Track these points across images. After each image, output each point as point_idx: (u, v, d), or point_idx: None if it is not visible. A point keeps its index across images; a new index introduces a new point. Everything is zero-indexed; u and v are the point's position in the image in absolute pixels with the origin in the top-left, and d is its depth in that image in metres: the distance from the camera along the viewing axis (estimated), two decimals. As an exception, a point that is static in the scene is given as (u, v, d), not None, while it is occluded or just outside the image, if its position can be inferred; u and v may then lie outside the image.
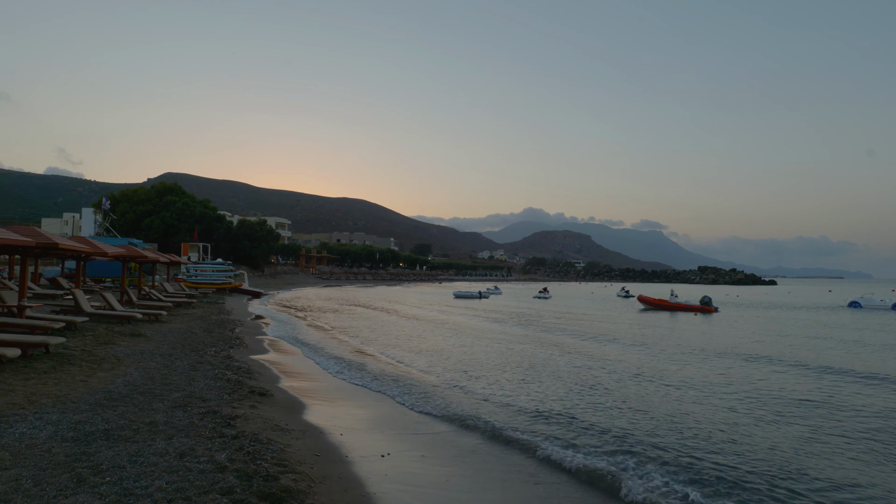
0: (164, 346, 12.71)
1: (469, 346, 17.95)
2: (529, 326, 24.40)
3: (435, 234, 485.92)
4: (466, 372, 12.96)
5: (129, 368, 9.80)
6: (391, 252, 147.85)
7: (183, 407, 7.16)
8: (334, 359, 14.19)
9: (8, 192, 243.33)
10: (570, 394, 10.86)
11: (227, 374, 9.50)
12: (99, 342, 12.43)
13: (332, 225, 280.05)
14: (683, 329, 26.24)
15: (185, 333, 15.26)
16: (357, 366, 13.22)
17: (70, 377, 8.70)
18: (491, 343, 19.21)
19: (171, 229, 60.84)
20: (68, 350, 10.94)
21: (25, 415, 6.45)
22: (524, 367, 13.92)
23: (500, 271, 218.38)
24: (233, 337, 15.41)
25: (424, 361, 14.36)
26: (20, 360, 9.51)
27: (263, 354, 13.51)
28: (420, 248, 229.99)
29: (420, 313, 33.15)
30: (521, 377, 12.57)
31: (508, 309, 36.88)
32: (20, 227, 13.09)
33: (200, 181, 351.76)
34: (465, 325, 25.66)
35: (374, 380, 11.50)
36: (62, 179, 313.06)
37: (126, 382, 8.56)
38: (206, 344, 13.32)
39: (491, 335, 21.88)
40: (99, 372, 9.32)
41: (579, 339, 21.00)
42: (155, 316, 17.94)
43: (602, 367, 14.22)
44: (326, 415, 8.17)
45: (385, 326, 24.48)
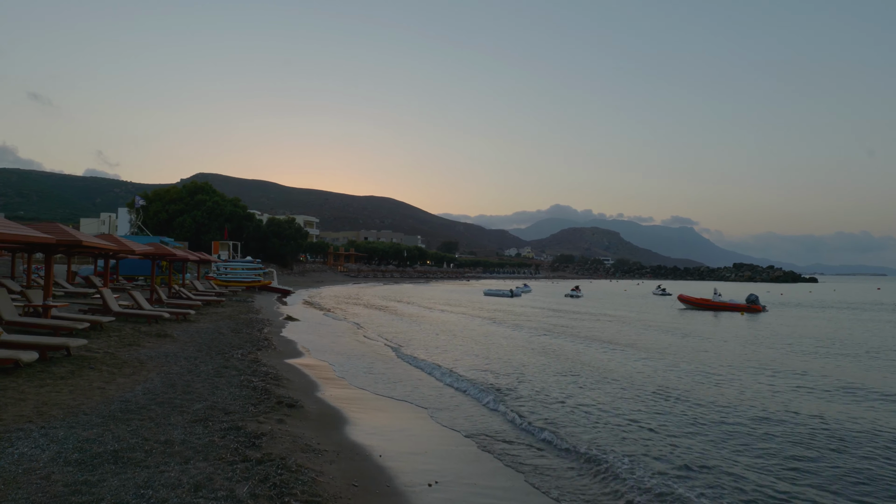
0: (190, 347, 12.10)
1: (514, 352, 16.92)
2: (571, 337, 22.84)
3: (461, 232, 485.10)
4: (521, 384, 11.59)
5: (151, 373, 9.15)
6: (418, 250, 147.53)
7: (203, 421, 6.39)
8: (368, 364, 13.34)
9: (50, 194, 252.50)
10: (637, 403, 9.77)
11: (253, 380, 8.75)
12: (123, 343, 11.89)
13: (359, 223, 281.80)
14: (746, 336, 22.17)
15: (212, 334, 14.68)
16: (394, 373, 12.28)
17: (87, 383, 8.07)
18: (534, 352, 18.15)
19: (202, 228, 61.40)
20: (90, 352, 10.39)
21: (31, 430, 5.77)
22: (579, 376, 12.73)
23: (528, 269, 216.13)
24: (261, 338, 14.77)
25: (470, 369, 13.18)
26: (38, 364, 8.96)
27: (292, 358, 12.77)
28: (447, 246, 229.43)
29: (455, 313, 32.24)
30: (572, 383, 11.50)
31: (541, 312, 35.56)
32: (45, 224, 12.66)
33: (231, 181, 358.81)
34: (503, 329, 24.48)
35: (413, 390, 10.54)
36: (100, 181, 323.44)
37: (146, 390, 7.88)
38: (232, 346, 12.67)
39: (533, 342, 20.80)
40: (119, 377, 8.69)
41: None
42: (183, 315, 17.48)
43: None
44: (363, 430, 7.30)
45: (420, 326, 23.53)
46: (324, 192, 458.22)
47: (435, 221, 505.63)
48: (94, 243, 12.45)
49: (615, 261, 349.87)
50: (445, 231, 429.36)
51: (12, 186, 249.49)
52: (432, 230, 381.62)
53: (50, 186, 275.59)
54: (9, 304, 11.87)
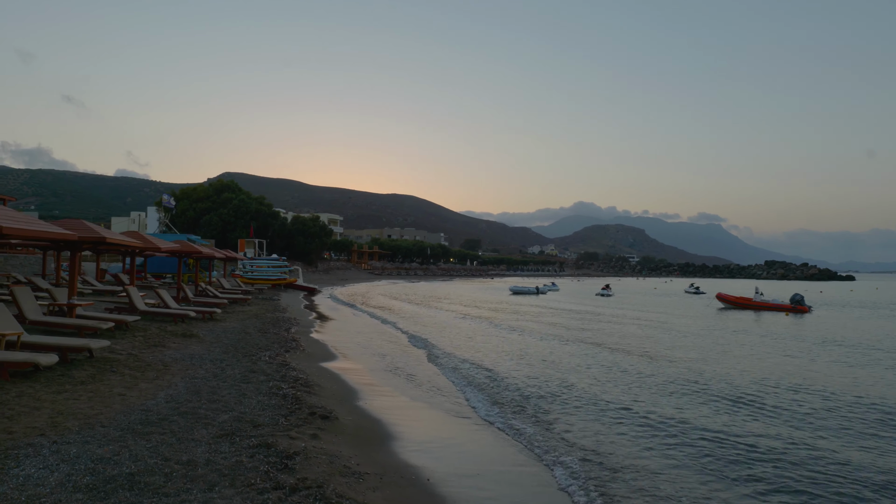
0: (216, 348, 11.58)
1: (562, 359, 16.03)
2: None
3: (484, 230, 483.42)
4: (600, 403, 9.85)
5: (175, 378, 8.60)
6: (442, 247, 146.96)
7: (230, 436, 5.75)
8: (403, 367, 12.60)
9: (83, 194, 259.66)
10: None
11: (282, 387, 8.11)
12: (148, 344, 11.43)
13: (382, 221, 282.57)
14: (812, 343, 19.66)
15: (238, 334, 14.19)
16: (433, 379, 11.43)
17: (108, 389, 7.54)
18: (579, 357, 17.22)
19: (229, 226, 61.78)
20: (114, 354, 9.92)
21: (41, 445, 5.19)
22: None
23: (552, 266, 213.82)
24: (288, 338, 14.21)
25: (515, 374, 12.09)
26: (59, 367, 8.49)
27: (323, 361, 12.13)
28: (470, 244, 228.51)
29: (485, 312, 31.44)
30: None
31: (574, 313, 34.44)
32: (69, 220, 12.30)
33: (256, 180, 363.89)
34: (544, 333, 23.29)
35: (455, 397, 9.66)
36: (131, 181, 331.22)
37: (168, 397, 7.30)
38: (259, 347, 12.11)
39: (575, 345, 19.87)
40: (141, 382, 8.15)
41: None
42: (209, 314, 17.08)
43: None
44: (406, 446, 6.56)
45: (454, 326, 22.58)
46: (347, 190, 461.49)
47: (457, 219, 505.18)
48: (118, 240, 12.03)
49: (640, 258, 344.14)
50: (468, 229, 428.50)
51: (48, 187, 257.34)
52: (455, 228, 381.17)
53: (83, 186, 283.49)
54: (33, 303, 11.51)
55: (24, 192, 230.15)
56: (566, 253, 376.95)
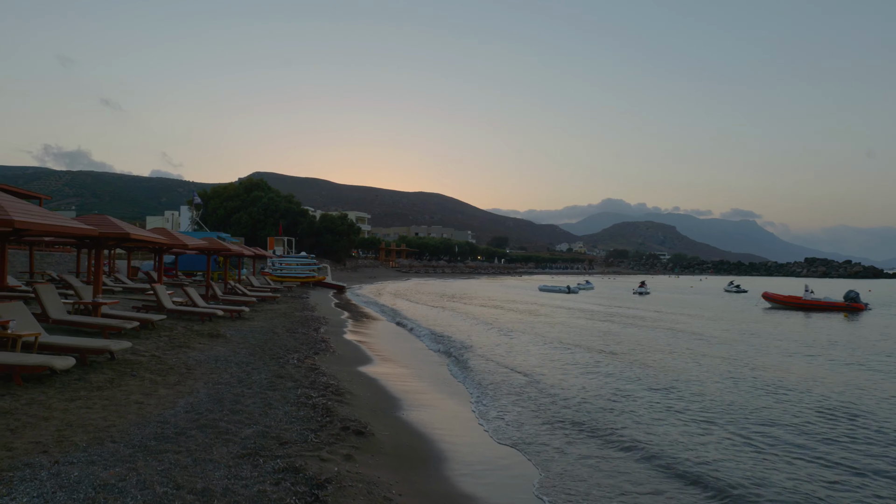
0: (242, 350, 10.98)
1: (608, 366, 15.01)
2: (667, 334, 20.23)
3: (511, 227, 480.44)
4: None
5: (198, 383, 7.98)
6: (469, 245, 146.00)
7: (253, 456, 5.02)
8: (443, 371, 11.73)
9: (120, 194, 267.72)
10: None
11: (311, 395, 7.39)
12: (173, 344, 10.90)
13: (409, 219, 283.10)
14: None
15: (266, 334, 13.62)
16: (477, 386, 10.43)
17: (125, 396, 6.94)
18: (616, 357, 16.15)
19: (258, 224, 62.14)
20: (136, 355, 9.39)
21: (41, 466, 4.55)
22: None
23: (582, 264, 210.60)
24: (317, 339, 13.57)
25: (572, 385, 10.93)
26: (77, 370, 7.95)
27: (355, 365, 11.40)
28: (497, 241, 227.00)
29: (522, 311, 30.44)
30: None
31: (617, 312, 33.09)
32: (93, 216, 11.89)
33: (285, 179, 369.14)
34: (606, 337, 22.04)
35: (502, 407, 8.66)
36: (165, 181, 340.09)
37: (189, 406, 6.64)
38: (287, 349, 11.48)
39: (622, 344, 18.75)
40: (161, 388, 7.54)
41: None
42: (237, 313, 16.62)
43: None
44: (455, 469, 5.71)
45: (490, 325, 21.57)
46: (374, 188, 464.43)
47: (484, 217, 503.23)
48: (142, 236, 11.55)
49: (672, 256, 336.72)
50: (495, 226, 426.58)
51: (87, 188, 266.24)
52: (481, 225, 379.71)
53: (120, 187, 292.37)
54: (57, 302, 11.12)
55: (66, 192, 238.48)
56: (595, 250, 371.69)
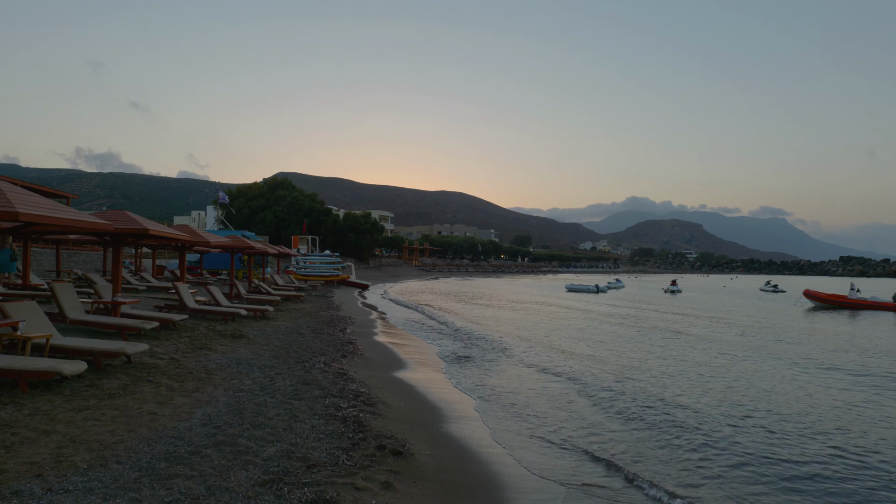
0: (266, 352, 10.34)
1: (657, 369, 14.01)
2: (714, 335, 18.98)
3: (534, 226, 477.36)
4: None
5: (218, 390, 7.32)
6: (492, 244, 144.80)
7: (276, 483, 4.28)
8: (485, 377, 10.71)
9: (149, 195, 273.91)
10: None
11: (341, 406, 6.64)
12: (193, 346, 10.32)
13: (431, 218, 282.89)
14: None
15: (290, 334, 12.99)
16: (527, 394, 9.30)
17: (138, 405, 6.30)
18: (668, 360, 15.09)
19: (282, 223, 62.20)
20: (153, 358, 8.81)
21: (32, 494, 3.88)
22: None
23: (606, 263, 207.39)
24: (344, 340, 12.89)
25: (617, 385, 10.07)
26: (89, 375, 7.38)
27: (385, 370, 10.65)
28: (520, 240, 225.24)
29: (557, 309, 29.43)
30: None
31: (654, 313, 31.80)
32: (113, 212, 11.39)
33: (309, 179, 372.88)
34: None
35: (558, 422, 7.57)
36: (192, 182, 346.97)
37: (206, 418, 5.97)
38: (313, 351, 10.80)
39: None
40: (178, 395, 6.89)
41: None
42: (261, 312, 16.07)
43: None
44: (518, 500, 4.88)
45: (528, 326, 20.60)
46: (396, 187, 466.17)
47: (506, 215, 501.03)
48: (161, 232, 11.00)
49: (698, 254, 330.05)
50: (517, 225, 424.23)
51: (118, 189, 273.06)
52: (504, 224, 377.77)
53: (149, 188, 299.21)
54: (74, 301, 10.63)
55: (97, 194, 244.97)
56: (619, 249, 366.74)
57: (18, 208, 6.48)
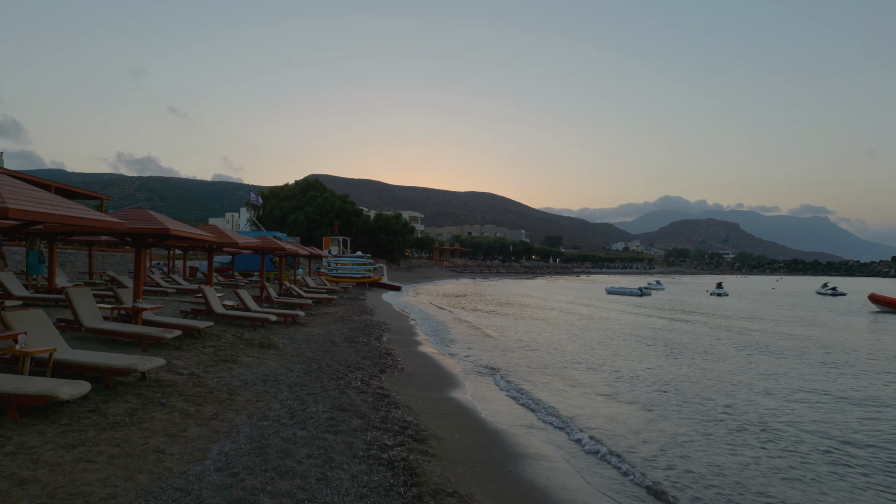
0: (297, 366, 9.26)
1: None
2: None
3: (564, 226, 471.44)
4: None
5: (239, 416, 6.22)
6: (524, 244, 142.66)
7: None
8: (560, 400, 8.92)
9: (187, 198, 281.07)
10: None
11: (385, 444, 5.44)
12: (218, 358, 9.33)
13: (461, 218, 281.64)
14: None
15: (323, 343, 11.93)
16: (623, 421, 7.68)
17: (144, 439, 5.24)
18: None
19: (314, 224, 61.92)
20: (172, 373, 7.81)
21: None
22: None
23: (641, 263, 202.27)
24: (381, 350, 11.75)
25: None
26: (95, 395, 6.39)
27: (432, 389, 9.37)
28: (551, 240, 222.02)
29: (609, 313, 27.80)
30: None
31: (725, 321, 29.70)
32: (133, 210, 10.52)
33: (339, 181, 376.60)
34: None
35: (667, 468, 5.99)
36: (226, 185, 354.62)
37: (222, 460, 4.85)
38: (348, 364, 9.67)
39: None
40: (193, 425, 5.81)
41: None
42: (292, 318, 15.10)
43: None
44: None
45: (584, 335, 18.56)
46: (425, 188, 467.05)
47: (536, 215, 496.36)
48: (185, 232, 10.06)
49: (736, 255, 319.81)
50: (547, 225, 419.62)
51: (157, 192, 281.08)
52: (534, 224, 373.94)
53: (186, 191, 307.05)
54: (91, 308, 9.76)
55: (137, 197, 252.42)
56: (652, 249, 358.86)
57: (9, 203, 5.51)
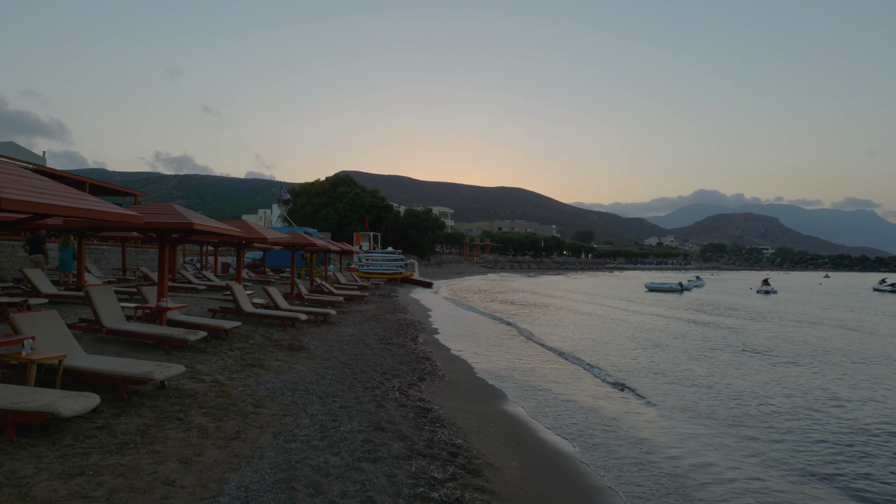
0: (328, 371, 8.49)
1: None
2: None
3: (595, 221, 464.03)
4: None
5: (265, 436, 5.43)
6: (555, 239, 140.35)
7: None
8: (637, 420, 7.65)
9: (221, 195, 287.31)
10: None
11: (434, 476, 4.55)
12: (244, 362, 8.63)
13: (490, 214, 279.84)
14: None
15: (355, 345, 11.16)
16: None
17: (153, 465, 4.48)
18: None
19: (344, 219, 61.74)
20: (193, 380, 7.12)
21: None
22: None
23: (676, 259, 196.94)
24: (418, 353, 10.90)
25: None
26: (107, 407, 5.71)
27: (479, 401, 8.42)
28: (581, 236, 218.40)
29: (662, 314, 26.42)
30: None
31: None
32: (157, 203, 9.92)
33: (369, 177, 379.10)
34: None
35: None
36: (259, 182, 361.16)
37: (241, 496, 4.05)
38: (384, 371, 8.85)
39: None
40: (211, 447, 5.04)
41: None
42: (323, 316, 14.42)
43: None
44: None
45: (652, 339, 16.58)
46: (454, 184, 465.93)
47: (566, 210, 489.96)
48: (208, 227, 9.38)
49: (776, 249, 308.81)
50: (578, 220, 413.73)
51: (192, 190, 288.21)
52: (564, 219, 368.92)
53: (220, 189, 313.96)
54: (113, 308, 9.19)
55: (174, 195, 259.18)
56: (686, 245, 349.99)
57: (3, 193, 4.82)
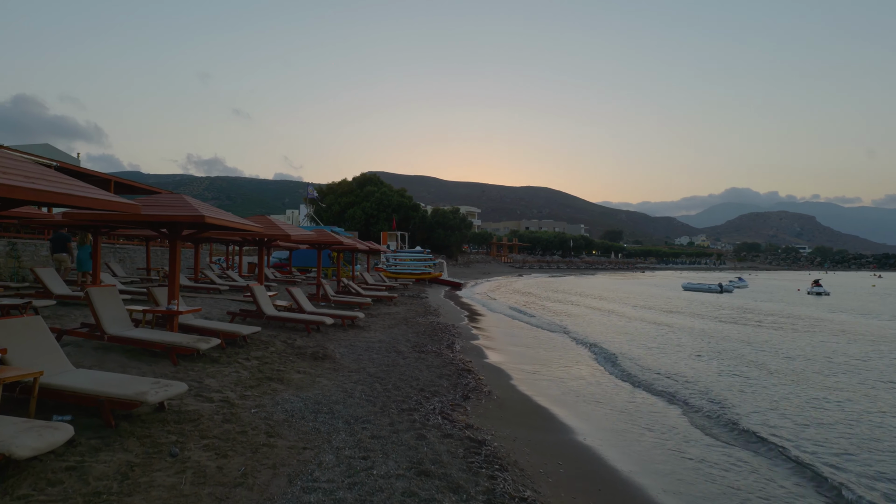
0: (357, 386, 7.31)
1: None
2: None
3: (623, 220, 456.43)
4: None
5: (277, 481, 4.25)
6: (584, 239, 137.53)
7: None
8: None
9: (250, 196, 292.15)
10: None
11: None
12: (261, 375, 7.53)
13: (517, 213, 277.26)
14: None
15: (386, 354, 9.98)
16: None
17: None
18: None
19: (371, 219, 61.07)
20: (198, 399, 6.02)
21: None
22: None
23: (709, 258, 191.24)
24: (458, 365, 9.64)
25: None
26: (85, 440, 4.62)
27: (537, 427, 7.08)
28: (610, 235, 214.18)
29: (720, 320, 24.60)
30: None
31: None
32: (170, 195, 8.92)
33: (395, 177, 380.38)
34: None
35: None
36: (287, 183, 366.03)
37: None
38: (421, 387, 7.62)
39: None
40: (206, 500, 3.88)
41: None
42: (350, 319, 13.31)
43: None
44: None
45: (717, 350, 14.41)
46: (481, 183, 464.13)
47: (594, 210, 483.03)
48: (222, 221, 8.31)
49: (814, 249, 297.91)
50: (606, 219, 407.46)
51: (223, 191, 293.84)
52: (591, 219, 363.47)
53: (250, 190, 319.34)
54: (117, 310, 8.20)
55: (206, 196, 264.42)
56: (718, 244, 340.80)
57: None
